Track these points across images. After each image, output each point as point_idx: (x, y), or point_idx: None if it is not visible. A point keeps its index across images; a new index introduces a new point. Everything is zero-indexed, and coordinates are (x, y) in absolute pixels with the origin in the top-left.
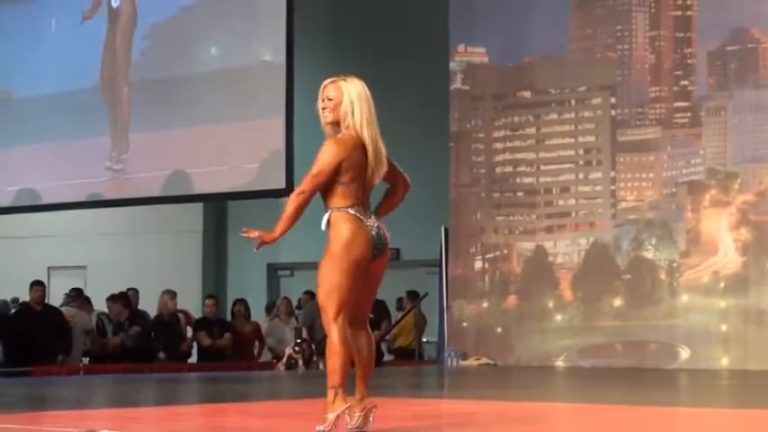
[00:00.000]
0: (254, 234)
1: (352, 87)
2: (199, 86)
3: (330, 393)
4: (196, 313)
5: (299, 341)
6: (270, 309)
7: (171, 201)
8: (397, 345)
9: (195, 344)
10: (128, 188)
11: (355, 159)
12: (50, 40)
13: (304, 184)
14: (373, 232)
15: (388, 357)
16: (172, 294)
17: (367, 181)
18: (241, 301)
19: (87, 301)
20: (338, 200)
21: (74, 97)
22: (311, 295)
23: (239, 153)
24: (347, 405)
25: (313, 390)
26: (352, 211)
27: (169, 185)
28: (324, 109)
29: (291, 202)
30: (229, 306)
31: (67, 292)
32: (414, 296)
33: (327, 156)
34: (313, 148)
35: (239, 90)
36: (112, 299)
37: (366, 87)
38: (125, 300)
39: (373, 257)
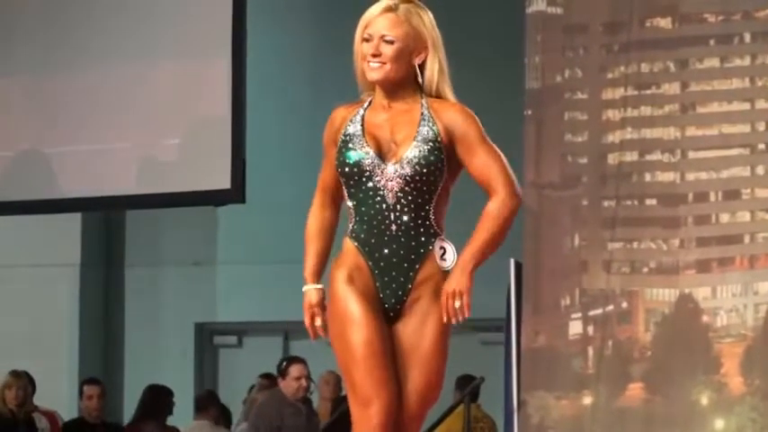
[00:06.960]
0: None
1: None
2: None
3: None
4: (69, 411)
5: None
6: (204, 405)
7: (19, 210)
8: None
9: None
10: None
11: None
12: None
13: (514, 182)
14: None
15: None
16: (15, 379)
17: None
18: (162, 392)
19: None
20: (443, 217)
21: None
22: (272, 381)
23: (148, 121)
24: None
25: None
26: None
27: (14, 181)
28: (374, 57)
29: (510, 211)
30: (127, 399)
31: None
32: (465, 382)
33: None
34: (273, 113)
35: (153, 9)
36: None
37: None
38: None
39: None
